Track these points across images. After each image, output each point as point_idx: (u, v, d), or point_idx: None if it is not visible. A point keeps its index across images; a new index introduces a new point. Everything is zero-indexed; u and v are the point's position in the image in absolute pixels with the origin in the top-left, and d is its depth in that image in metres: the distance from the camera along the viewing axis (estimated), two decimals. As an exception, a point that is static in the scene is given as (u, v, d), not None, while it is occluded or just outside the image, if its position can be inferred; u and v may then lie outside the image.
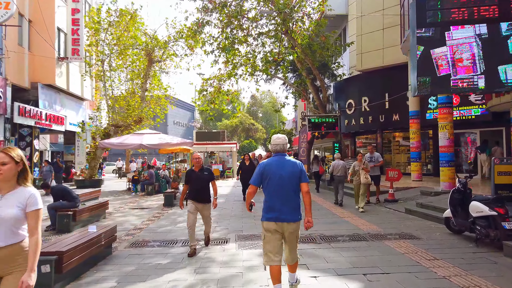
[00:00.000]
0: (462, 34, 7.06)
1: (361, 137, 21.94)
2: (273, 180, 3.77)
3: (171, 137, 18.33)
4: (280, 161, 3.85)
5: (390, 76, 17.92)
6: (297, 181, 3.80)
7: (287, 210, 3.74)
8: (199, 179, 6.01)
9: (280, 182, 3.76)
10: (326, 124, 16.18)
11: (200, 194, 6.02)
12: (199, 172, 6.07)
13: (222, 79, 19.00)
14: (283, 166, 3.80)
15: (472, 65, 6.94)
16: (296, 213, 3.79)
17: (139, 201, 12.97)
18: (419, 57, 7.12)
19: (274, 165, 3.84)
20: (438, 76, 7.04)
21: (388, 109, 18.01)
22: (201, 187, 6.02)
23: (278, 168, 3.80)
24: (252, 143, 54.45)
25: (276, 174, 3.77)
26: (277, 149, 3.93)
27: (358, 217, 8.92)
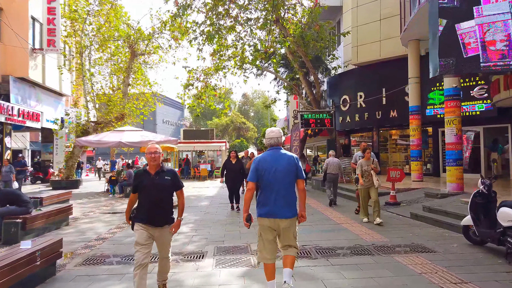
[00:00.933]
0: (495, 10, 5.85)
1: (356, 135, 20.89)
2: (267, 175, 3.61)
3: (154, 135, 17.10)
4: (275, 155, 3.69)
5: (388, 70, 16.90)
6: (293, 176, 3.65)
7: (281, 206, 3.59)
8: (156, 187, 3.70)
9: (274, 176, 3.60)
10: (320, 120, 15.07)
11: (156, 212, 3.72)
12: (155, 176, 3.74)
13: (209, 73, 17.80)
14: (278, 160, 3.65)
15: (508, 49, 5.70)
16: (291, 209, 3.64)
17: (114, 204, 11.72)
18: (441, 33, 5.88)
19: (268, 159, 3.68)
20: (464, 57, 5.78)
21: (386, 105, 16.97)
22: (158, 200, 3.71)
23: (272, 162, 3.64)
24: (244, 142, 53.25)
25: (270, 168, 3.61)
26: (271, 143, 3.77)
27: (358, 223, 7.80)
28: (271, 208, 3.60)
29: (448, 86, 9.82)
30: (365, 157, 8.20)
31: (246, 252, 5.66)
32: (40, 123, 19.80)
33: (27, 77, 17.40)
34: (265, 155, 3.75)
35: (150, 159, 3.76)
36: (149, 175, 3.76)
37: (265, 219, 3.63)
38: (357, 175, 8.22)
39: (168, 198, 3.83)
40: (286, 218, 3.60)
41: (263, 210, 3.66)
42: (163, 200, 3.77)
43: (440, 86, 14.80)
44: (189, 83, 18.11)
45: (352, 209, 9.68)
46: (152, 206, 3.71)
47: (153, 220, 3.74)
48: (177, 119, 67.43)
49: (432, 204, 8.46)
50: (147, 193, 3.73)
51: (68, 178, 18.26)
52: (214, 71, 17.32)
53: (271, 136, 3.76)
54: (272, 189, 3.61)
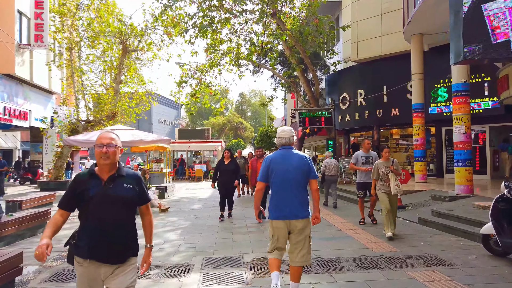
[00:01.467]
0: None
1: (356, 134, 20.26)
2: (278, 175, 3.54)
3: (145, 134, 16.37)
4: (287, 155, 3.61)
5: (389, 67, 16.28)
6: (305, 176, 3.56)
7: (295, 206, 3.50)
8: (109, 200, 2.42)
9: (286, 176, 3.52)
10: (318, 119, 14.42)
11: (106, 240, 2.40)
12: (108, 184, 2.45)
13: (203, 69, 17.11)
14: (289, 160, 3.56)
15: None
16: (305, 209, 3.54)
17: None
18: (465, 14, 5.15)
19: (280, 158, 3.61)
20: (493, 43, 5.03)
21: (387, 103, 16.34)
22: (112, 220, 2.42)
23: (284, 162, 3.56)
24: (241, 142, 52.58)
25: (282, 168, 3.54)
26: (282, 142, 3.68)
27: (362, 229, 7.15)
28: (286, 209, 3.50)
29: (456, 81, 9.20)
30: (383, 157, 6.80)
31: (238, 264, 4.99)
32: (28, 121, 19.08)
33: (14, 74, 16.66)
34: (277, 154, 3.65)
35: (100, 155, 2.43)
36: (98, 181, 2.45)
37: (280, 222, 3.53)
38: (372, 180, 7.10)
39: (128, 217, 2.52)
40: (302, 218, 3.51)
41: (277, 212, 3.55)
42: (119, 221, 2.46)
43: (445, 83, 14.21)
44: (183, 80, 17.42)
45: (354, 213, 9.03)
46: (102, 231, 2.39)
47: (101, 253, 2.39)
48: (173, 119, 66.62)
49: (441, 208, 7.82)
50: (94, 209, 2.39)
51: (57, 179, 17.53)
52: (209, 68, 16.63)
53: (282, 136, 3.66)
54: (284, 189, 3.51)
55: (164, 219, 8.85)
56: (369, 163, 7.66)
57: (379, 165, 6.67)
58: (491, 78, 12.72)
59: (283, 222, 3.51)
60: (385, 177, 6.56)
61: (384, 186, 6.52)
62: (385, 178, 6.56)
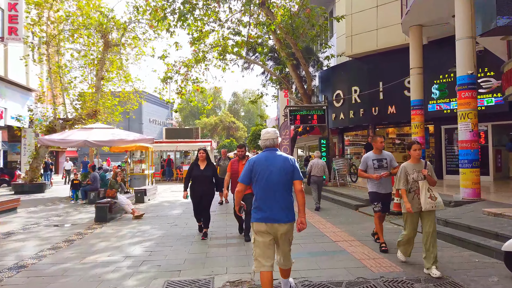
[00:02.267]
0: None
1: (350, 133, 19.37)
2: (262, 177, 3.42)
3: (126, 133, 15.34)
4: (271, 156, 3.50)
5: (385, 62, 15.41)
6: (289, 178, 3.44)
7: (278, 210, 3.38)
8: None
9: (270, 178, 3.40)
10: (311, 117, 13.47)
11: None
12: None
13: (189, 65, 16.12)
14: (273, 162, 3.46)
15: None
16: (289, 213, 3.42)
17: (70, 214, 9.99)
18: None
19: (263, 160, 3.49)
20: None
21: (383, 100, 15.46)
22: None
23: (268, 164, 3.45)
24: (233, 143, 51.61)
25: (265, 171, 3.43)
26: (266, 144, 3.58)
27: (358, 241, 6.21)
28: (268, 212, 3.38)
29: (461, 73, 8.29)
30: (411, 158, 4.81)
31: (206, 291, 4.03)
32: (4, 120, 17.98)
33: (-15, 69, 15.58)
34: (260, 156, 3.56)
35: None
36: None
37: (261, 224, 3.40)
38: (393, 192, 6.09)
39: None
40: (285, 222, 3.39)
41: (259, 214, 3.42)
42: None
43: (445, 78, 13.35)
44: (168, 76, 16.42)
45: (349, 219, 8.11)
46: None
47: None
48: (164, 118, 65.35)
49: (447, 215, 6.90)
50: None
51: (33, 181, 16.44)
52: (195, 63, 15.64)
53: (266, 137, 3.59)
54: (268, 191, 3.41)
55: (135, 228, 7.85)
56: (383, 168, 5.78)
57: (407, 169, 4.72)
58: (495, 73, 11.89)
59: (266, 225, 3.37)
60: (415, 186, 4.65)
61: (414, 200, 4.66)
62: (415, 188, 4.66)
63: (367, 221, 7.98)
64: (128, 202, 9.29)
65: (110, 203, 8.74)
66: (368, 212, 8.76)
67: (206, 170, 6.57)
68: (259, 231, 3.41)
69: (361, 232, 6.83)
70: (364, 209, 9.25)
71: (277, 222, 3.36)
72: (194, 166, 6.67)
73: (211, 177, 6.62)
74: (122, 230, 7.65)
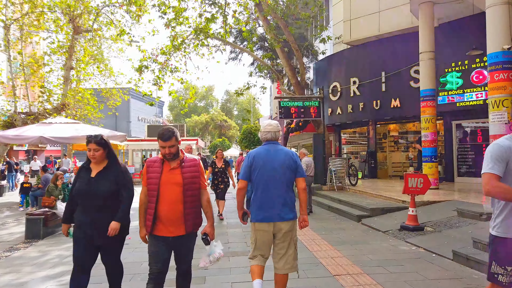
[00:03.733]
0: None
1: (348, 130, 17.58)
2: (263, 173, 3.18)
3: (94, 128, 13.43)
4: (272, 151, 3.24)
5: (389, 49, 13.66)
6: (292, 174, 3.22)
7: (280, 207, 3.17)
8: None
9: (272, 174, 3.17)
10: (304, 109, 11.62)
11: None
12: None
13: (168, 51, 14.25)
14: (275, 156, 3.21)
15: None
16: (291, 211, 3.22)
17: (4, 225, 8.08)
18: None
19: (264, 155, 3.23)
20: None
21: (386, 92, 13.68)
22: None
23: (269, 159, 3.21)
24: (225, 142, 49.71)
25: (267, 166, 3.19)
26: (267, 137, 3.30)
27: (370, 277, 4.36)
28: (270, 210, 3.16)
29: (494, 49, 6.52)
30: None
31: None
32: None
33: None
34: (261, 150, 3.28)
35: None
36: None
37: (263, 224, 3.17)
38: None
39: None
40: (288, 220, 3.18)
41: (261, 214, 3.18)
42: None
43: (457, 66, 11.57)
44: (143, 64, 14.53)
45: (351, 237, 6.29)
46: None
47: None
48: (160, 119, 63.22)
49: (484, 235, 5.08)
50: None
51: (-11, 183, 14.48)
52: (173, 49, 13.76)
53: (268, 130, 3.28)
54: (269, 188, 3.17)
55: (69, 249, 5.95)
56: None
57: None
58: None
59: (267, 224, 3.16)
60: None
61: None
62: None
63: (375, 239, 6.15)
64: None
65: (46, 214, 6.84)
66: (375, 226, 6.95)
67: None
68: (260, 231, 3.19)
69: (370, 259, 5.00)
70: (369, 221, 7.44)
71: (281, 220, 3.16)
72: None
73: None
74: (51, 252, 5.76)
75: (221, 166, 8.30)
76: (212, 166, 8.41)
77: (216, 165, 8.32)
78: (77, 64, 16.94)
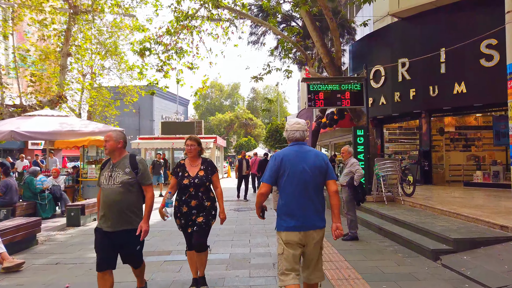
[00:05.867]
0: None
1: (392, 125, 14.55)
2: (293, 176, 2.87)
3: (84, 123, 11.18)
4: (301, 152, 2.95)
5: (450, 20, 10.66)
6: (323, 177, 2.94)
7: (312, 215, 2.88)
8: None
9: (303, 178, 2.87)
10: (341, 95, 8.82)
11: None
12: None
13: (174, 30, 11.87)
14: (304, 158, 2.92)
15: None
16: (322, 218, 2.95)
17: None
18: None
19: (293, 156, 2.93)
20: None
21: (446, 75, 10.68)
22: None
23: (298, 161, 2.90)
24: (251, 141, 47.30)
25: (297, 169, 2.88)
26: (296, 137, 3.00)
27: None
28: (302, 218, 2.85)
29: None
30: None
31: None
32: None
33: None
34: (288, 151, 2.96)
35: None
36: None
37: (294, 234, 2.84)
38: None
39: None
40: (320, 228, 2.90)
41: (291, 222, 2.86)
42: None
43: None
44: (145, 47, 12.22)
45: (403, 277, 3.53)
46: None
47: None
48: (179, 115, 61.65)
49: None
50: None
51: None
52: (177, 24, 11.34)
53: (296, 128, 2.98)
54: (300, 193, 2.87)
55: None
56: None
57: None
58: None
59: (300, 234, 2.84)
60: None
61: None
62: None
63: None
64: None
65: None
66: (472, 275, 4.12)
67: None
68: (290, 241, 2.84)
69: None
70: (456, 261, 4.62)
71: (313, 228, 2.86)
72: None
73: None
74: None
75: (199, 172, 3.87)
76: (174, 173, 3.97)
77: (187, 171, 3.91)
78: (79, 51, 14.94)
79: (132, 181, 3.33)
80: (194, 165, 3.89)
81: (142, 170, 3.39)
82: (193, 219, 3.78)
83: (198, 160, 3.93)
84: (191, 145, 3.86)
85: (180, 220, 3.83)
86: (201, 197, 3.80)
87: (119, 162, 3.38)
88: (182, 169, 3.88)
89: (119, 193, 3.27)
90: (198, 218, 3.77)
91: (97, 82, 19.20)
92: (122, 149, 3.42)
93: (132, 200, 3.36)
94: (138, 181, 3.38)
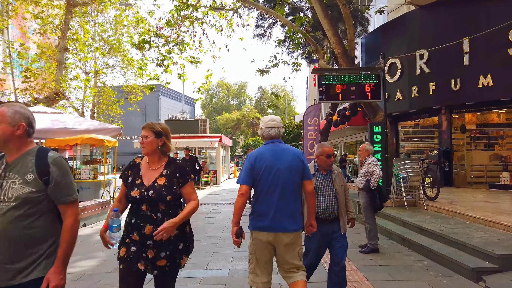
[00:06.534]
0: None
1: (408, 123, 13.62)
2: (266, 176, 2.75)
3: (78, 120, 10.50)
4: (277, 151, 2.82)
5: (472, 6, 9.74)
6: (299, 177, 2.81)
7: (284, 216, 2.74)
8: None
9: (276, 178, 2.74)
10: (356, 88, 7.98)
11: None
12: None
13: (175, 21, 11.16)
14: (280, 157, 2.79)
15: None
16: (296, 220, 2.79)
17: None
18: None
19: (268, 155, 2.80)
20: None
21: (470, 67, 9.75)
22: None
23: (273, 159, 2.77)
24: (259, 141, 46.52)
25: (271, 168, 2.75)
26: (271, 134, 2.88)
27: None
28: (272, 219, 2.73)
29: None
30: None
31: None
32: None
33: None
34: (263, 150, 2.84)
35: None
36: None
37: (263, 234, 2.76)
38: None
39: None
40: (291, 231, 2.75)
41: (262, 222, 2.76)
42: None
43: None
44: (144, 39, 11.52)
45: None
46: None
47: None
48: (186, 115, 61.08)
49: None
50: None
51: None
52: (181, 20, 10.62)
53: (271, 125, 2.86)
54: (273, 194, 2.74)
55: None
56: None
57: None
58: None
59: (269, 234, 2.73)
60: None
61: None
62: None
63: None
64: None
65: None
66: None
67: None
68: (260, 241, 2.76)
69: None
70: (499, 280, 3.77)
71: (283, 230, 2.72)
72: None
73: None
74: None
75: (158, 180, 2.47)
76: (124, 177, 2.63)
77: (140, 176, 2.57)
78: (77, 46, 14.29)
79: (38, 196, 1.89)
80: (153, 168, 2.47)
81: (58, 177, 1.93)
82: (148, 257, 2.31)
83: (160, 160, 2.48)
84: (145, 136, 2.45)
85: (128, 249, 2.33)
86: (160, 220, 2.32)
87: (16, 162, 1.93)
88: (135, 173, 2.50)
89: (12, 219, 1.82)
90: (159, 261, 2.32)
91: (101, 80, 18.69)
92: (24, 138, 1.95)
93: (36, 230, 1.89)
94: (48, 197, 1.93)
